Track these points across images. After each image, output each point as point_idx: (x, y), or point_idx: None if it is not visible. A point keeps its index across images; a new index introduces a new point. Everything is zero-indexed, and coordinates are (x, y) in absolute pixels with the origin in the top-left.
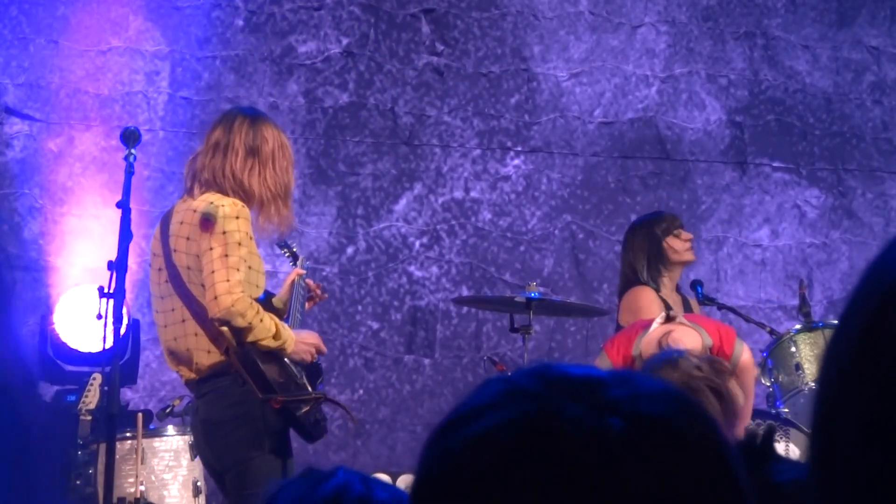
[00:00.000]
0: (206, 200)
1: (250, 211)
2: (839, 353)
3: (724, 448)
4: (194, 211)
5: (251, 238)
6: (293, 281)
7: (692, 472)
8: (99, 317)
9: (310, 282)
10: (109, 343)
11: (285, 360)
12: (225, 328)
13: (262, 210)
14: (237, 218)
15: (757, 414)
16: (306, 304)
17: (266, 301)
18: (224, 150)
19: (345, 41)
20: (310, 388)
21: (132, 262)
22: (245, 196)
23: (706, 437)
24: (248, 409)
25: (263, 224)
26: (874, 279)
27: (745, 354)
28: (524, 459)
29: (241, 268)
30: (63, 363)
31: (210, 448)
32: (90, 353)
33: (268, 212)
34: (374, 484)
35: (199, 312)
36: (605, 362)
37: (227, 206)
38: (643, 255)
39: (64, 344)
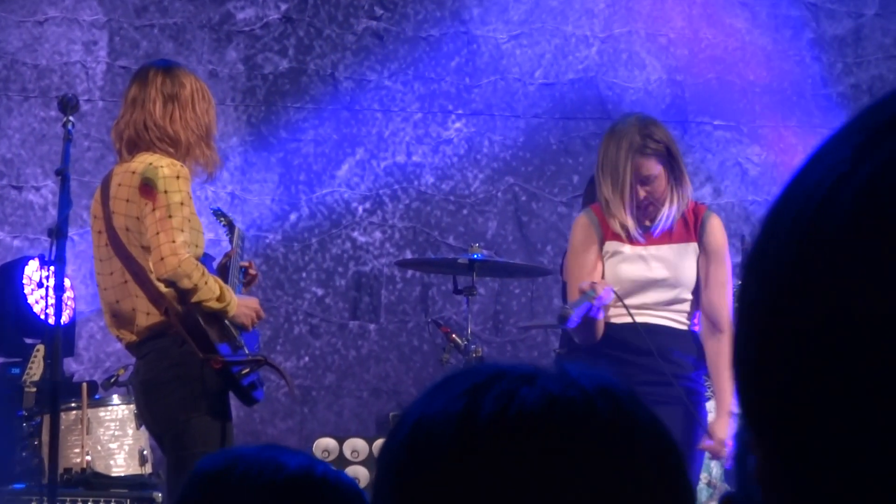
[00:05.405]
0: (145, 162)
1: (181, 161)
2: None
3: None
4: (133, 173)
5: (191, 198)
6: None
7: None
8: (40, 285)
9: (244, 263)
10: (52, 311)
11: (226, 322)
12: (168, 289)
13: (188, 154)
14: (177, 178)
15: None
16: (243, 290)
17: (206, 264)
18: (142, 103)
19: (283, 7)
20: (246, 353)
21: (72, 233)
22: (171, 143)
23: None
24: (186, 370)
25: (192, 168)
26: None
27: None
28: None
29: (185, 228)
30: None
31: (149, 410)
32: (35, 324)
33: (194, 155)
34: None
35: (138, 273)
36: None
37: (165, 167)
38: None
39: (15, 314)
